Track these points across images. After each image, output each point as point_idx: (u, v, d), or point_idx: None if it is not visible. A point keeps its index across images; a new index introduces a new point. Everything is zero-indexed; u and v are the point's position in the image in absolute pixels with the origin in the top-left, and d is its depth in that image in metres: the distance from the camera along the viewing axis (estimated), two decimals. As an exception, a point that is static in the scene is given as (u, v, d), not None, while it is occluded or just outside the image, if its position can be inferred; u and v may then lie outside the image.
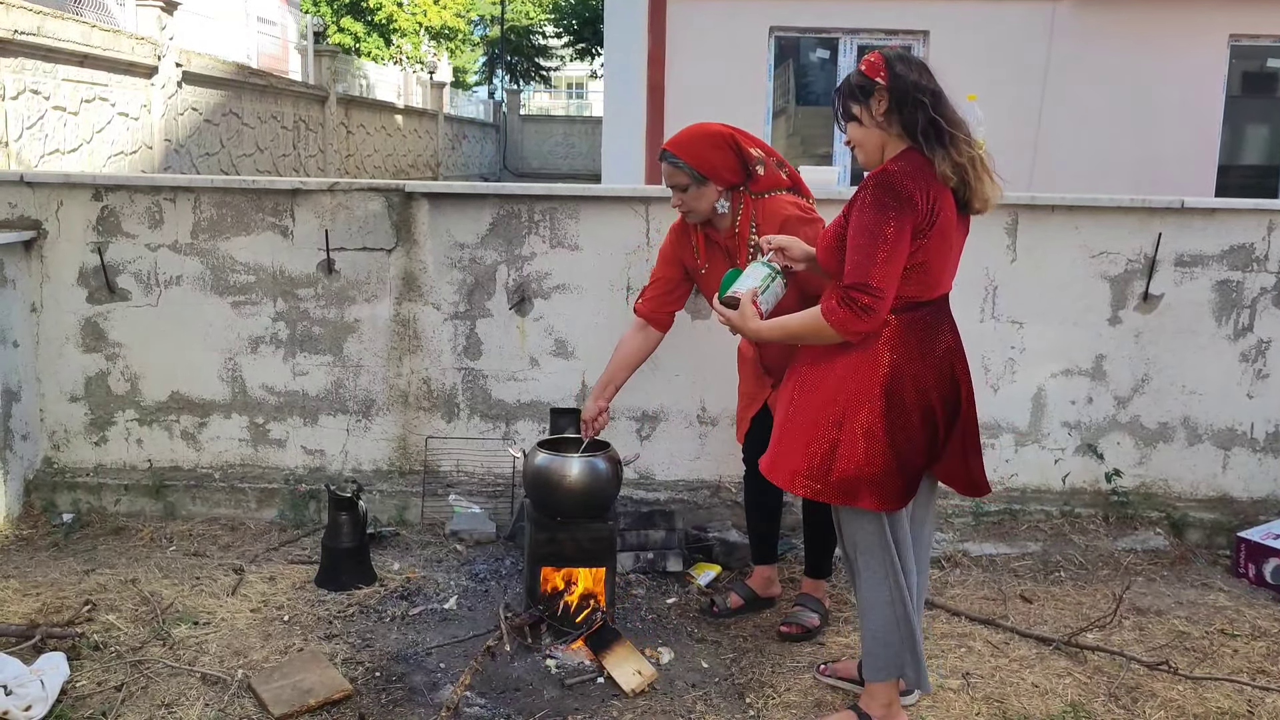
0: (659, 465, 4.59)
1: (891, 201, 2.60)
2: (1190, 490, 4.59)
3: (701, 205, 3.35)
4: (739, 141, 3.34)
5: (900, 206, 2.59)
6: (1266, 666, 3.41)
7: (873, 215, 2.61)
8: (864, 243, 2.61)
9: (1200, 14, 9.06)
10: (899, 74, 2.69)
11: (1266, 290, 4.46)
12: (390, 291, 4.53)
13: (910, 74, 2.70)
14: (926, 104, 2.66)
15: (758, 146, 3.37)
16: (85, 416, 4.61)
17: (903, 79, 2.69)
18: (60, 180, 4.54)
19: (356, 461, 4.64)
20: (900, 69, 2.70)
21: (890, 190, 2.61)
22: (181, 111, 12.68)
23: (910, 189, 2.61)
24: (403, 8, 28.12)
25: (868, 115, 2.72)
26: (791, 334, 2.83)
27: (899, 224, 2.59)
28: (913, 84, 2.68)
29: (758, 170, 3.33)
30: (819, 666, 3.27)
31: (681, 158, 3.31)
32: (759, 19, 9.13)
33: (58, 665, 3.10)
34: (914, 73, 2.71)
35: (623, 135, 9.15)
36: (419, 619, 3.63)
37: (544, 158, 32.99)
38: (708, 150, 3.31)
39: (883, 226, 2.59)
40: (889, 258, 2.59)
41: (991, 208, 2.78)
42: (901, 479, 2.75)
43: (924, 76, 2.72)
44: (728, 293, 2.96)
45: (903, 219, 2.59)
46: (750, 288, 2.92)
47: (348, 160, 19.08)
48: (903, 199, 2.60)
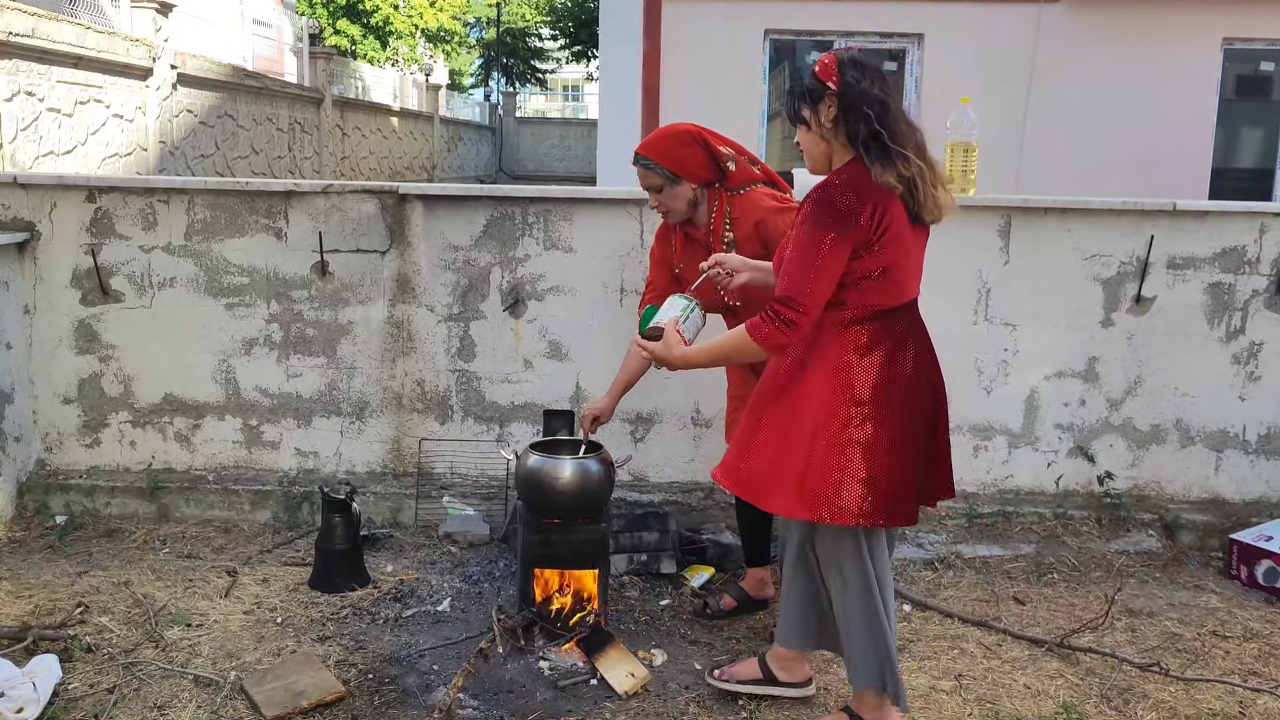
0: (653, 467, 4.59)
1: (829, 218, 2.57)
2: (1183, 492, 4.60)
3: (678, 204, 3.40)
4: (707, 139, 3.38)
5: (838, 223, 2.57)
6: (1258, 668, 3.42)
7: (809, 230, 2.60)
8: (797, 258, 2.61)
9: (1194, 17, 9.09)
10: (850, 80, 2.63)
11: (1258, 293, 4.47)
12: (384, 293, 4.54)
13: (861, 81, 2.63)
14: (871, 115, 2.60)
15: (727, 145, 3.42)
16: (79, 418, 4.61)
17: (853, 86, 2.62)
18: (54, 182, 4.54)
19: (350, 463, 4.64)
20: (852, 75, 2.63)
21: (829, 206, 2.59)
22: (176, 113, 12.67)
23: (850, 204, 2.58)
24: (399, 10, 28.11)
25: (816, 121, 2.68)
26: (720, 354, 2.83)
27: (835, 241, 2.57)
28: (861, 92, 2.61)
29: (729, 167, 3.38)
30: (712, 671, 3.18)
31: (652, 158, 3.36)
32: (754, 22, 9.16)
33: (50, 667, 3.10)
34: (865, 80, 2.63)
35: (618, 138, 9.15)
36: (412, 621, 3.63)
37: (540, 160, 33.01)
38: (677, 149, 3.36)
39: (818, 243, 2.57)
40: (820, 275, 2.58)
41: (945, 216, 2.74)
42: (887, 492, 2.69)
43: (875, 85, 2.64)
44: (649, 326, 2.96)
45: (840, 236, 2.57)
46: (671, 317, 2.95)
47: (343, 162, 19.08)
48: (841, 215, 2.57)
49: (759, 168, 3.46)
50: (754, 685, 3.12)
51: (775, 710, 3.10)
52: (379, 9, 27.47)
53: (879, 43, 9.38)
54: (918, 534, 4.36)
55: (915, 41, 9.26)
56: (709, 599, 3.79)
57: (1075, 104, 9.11)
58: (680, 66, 9.00)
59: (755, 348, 2.68)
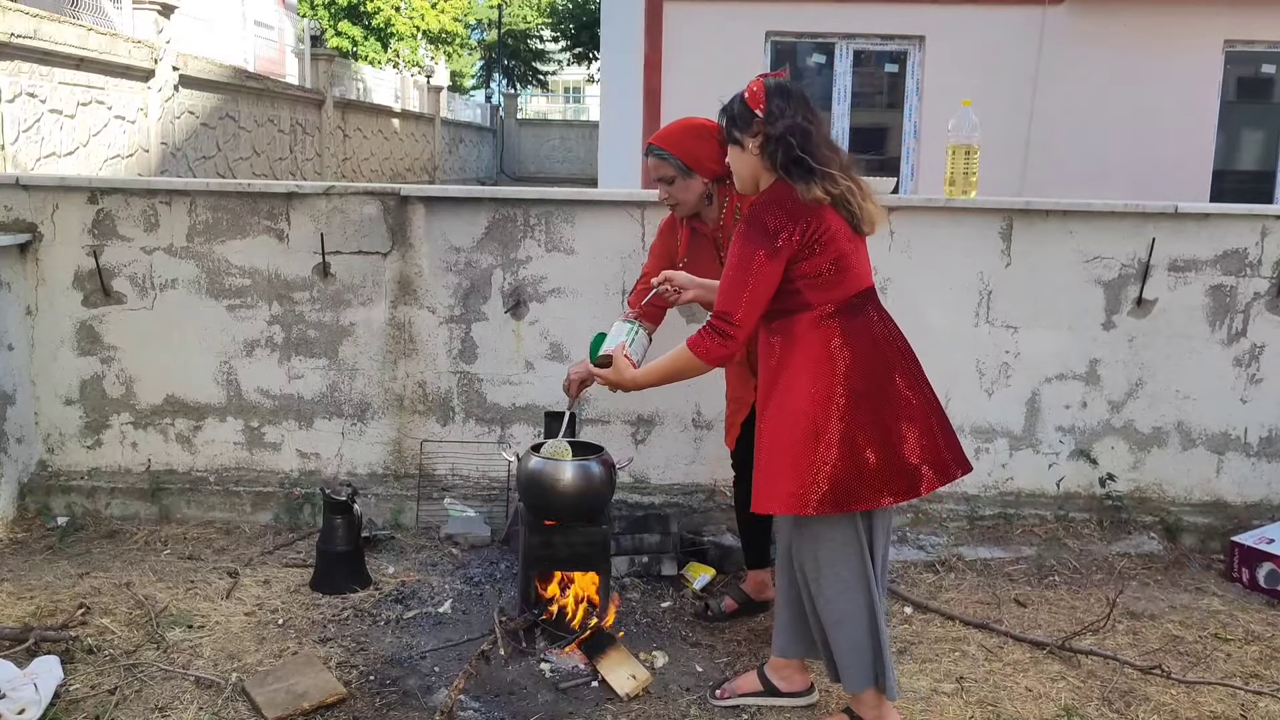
0: (654, 469, 4.59)
1: (759, 236, 2.70)
2: (1184, 494, 4.60)
3: (688, 197, 3.40)
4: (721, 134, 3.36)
5: (768, 241, 2.69)
6: (1260, 670, 3.42)
7: (742, 248, 2.73)
8: (731, 275, 2.75)
9: (1195, 19, 9.09)
10: (775, 109, 2.76)
11: (1260, 295, 4.47)
12: (385, 295, 4.54)
13: (787, 109, 2.75)
14: (794, 143, 2.72)
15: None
16: (80, 420, 4.61)
17: (779, 114, 2.75)
18: (56, 183, 4.54)
19: (351, 465, 4.64)
20: (777, 104, 2.76)
21: (759, 225, 2.72)
22: (178, 115, 12.68)
23: (779, 222, 2.70)
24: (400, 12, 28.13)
25: (743, 146, 2.81)
26: (666, 373, 2.94)
27: (765, 258, 2.70)
28: (786, 122, 2.74)
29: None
30: (713, 691, 3.18)
31: (667, 149, 3.36)
32: (755, 24, 9.16)
33: (51, 668, 3.10)
34: (790, 107, 2.76)
35: (619, 139, 9.17)
36: (413, 622, 3.63)
37: (541, 162, 33.02)
38: (692, 141, 3.36)
39: (749, 261, 2.71)
40: (752, 291, 2.71)
41: (876, 229, 2.87)
42: (892, 468, 2.74)
43: (800, 112, 2.76)
44: (599, 354, 3.10)
45: (770, 253, 2.69)
46: (619, 343, 3.09)
47: (344, 164, 19.09)
48: (770, 233, 2.69)
49: None
50: (755, 698, 3.13)
51: (777, 714, 3.10)
52: (380, 11, 27.50)
53: (881, 44, 9.39)
54: (919, 536, 4.36)
55: (917, 43, 9.27)
56: (710, 601, 3.78)
57: (1076, 106, 9.11)
58: (681, 68, 9.01)
59: (698, 362, 2.82)
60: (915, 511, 4.44)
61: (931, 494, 4.48)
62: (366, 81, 23.27)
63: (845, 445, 2.72)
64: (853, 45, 9.28)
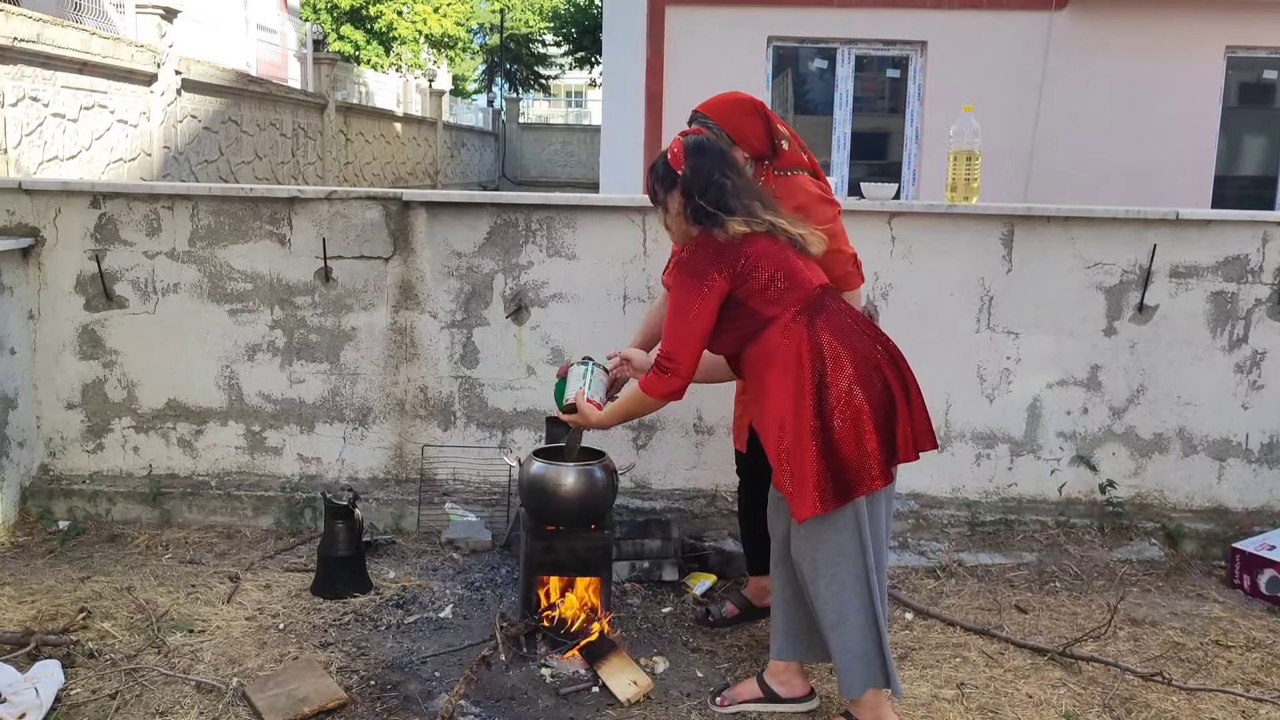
0: (655, 474, 4.59)
1: (692, 281, 2.89)
2: (1185, 501, 4.60)
3: None
4: (768, 114, 3.40)
5: (699, 283, 2.88)
6: (1261, 677, 3.41)
7: (679, 294, 2.93)
8: (672, 321, 2.94)
9: (1197, 25, 9.10)
10: (691, 169, 2.94)
11: (1261, 301, 4.47)
12: (387, 300, 4.54)
13: (702, 167, 2.94)
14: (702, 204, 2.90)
15: (784, 126, 3.43)
16: (82, 424, 4.61)
17: (693, 175, 2.93)
18: (58, 187, 4.55)
19: (353, 469, 4.64)
20: (694, 162, 2.95)
21: (689, 270, 2.91)
22: (180, 119, 12.70)
23: (704, 264, 2.88)
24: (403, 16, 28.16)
25: (670, 207, 3.00)
26: (625, 412, 3.18)
27: (701, 300, 2.87)
28: (699, 181, 2.92)
29: (782, 145, 3.38)
30: (714, 698, 3.18)
31: (712, 119, 3.36)
32: (757, 28, 9.17)
33: (52, 672, 3.10)
34: (705, 163, 2.94)
35: (621, 144, 9.18)
36: (414, 627, 3.63)
37: (543, 166, 33.04)
38: (737, 115, 3.37)
39: (687, 304, 2.89)
40: (691, 332, 2.90)
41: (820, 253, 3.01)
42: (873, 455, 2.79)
43: (716, 169, 2.94)
44: (564, 403, 3.29)
45: (704, 295, 2.87)
46: (577, 389, 3.25)
47: (346, 168, 19.11)
48: (699, 274, 2.88)
49: (807, 156, 3.46)
50: (756, 705, 3.14)
51: (777, 719, 3.10)
52: (383, 15, 27.53)
53: (883, 50, 9.39)
54: (920, 541, 4.36)
55: (919, 49, 9.27)
56: (711, 607, 3.78)
57: (1078, 112, 9.11)
58: (683, 73, 9.02)
59: (650, 400, 3.03)
60: (916, 517, 4.44)
61: (932, 500, 4.52)
62: (368, 86, 23.29)
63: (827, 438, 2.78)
64: (854, 50, 9.28)
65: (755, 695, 3.14)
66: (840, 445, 2.78)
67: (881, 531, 2.94)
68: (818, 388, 2.79)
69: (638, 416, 3.24)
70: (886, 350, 2.92)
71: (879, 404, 2.82)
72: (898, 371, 2.90)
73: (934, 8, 9.09)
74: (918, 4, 9.06)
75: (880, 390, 2.83)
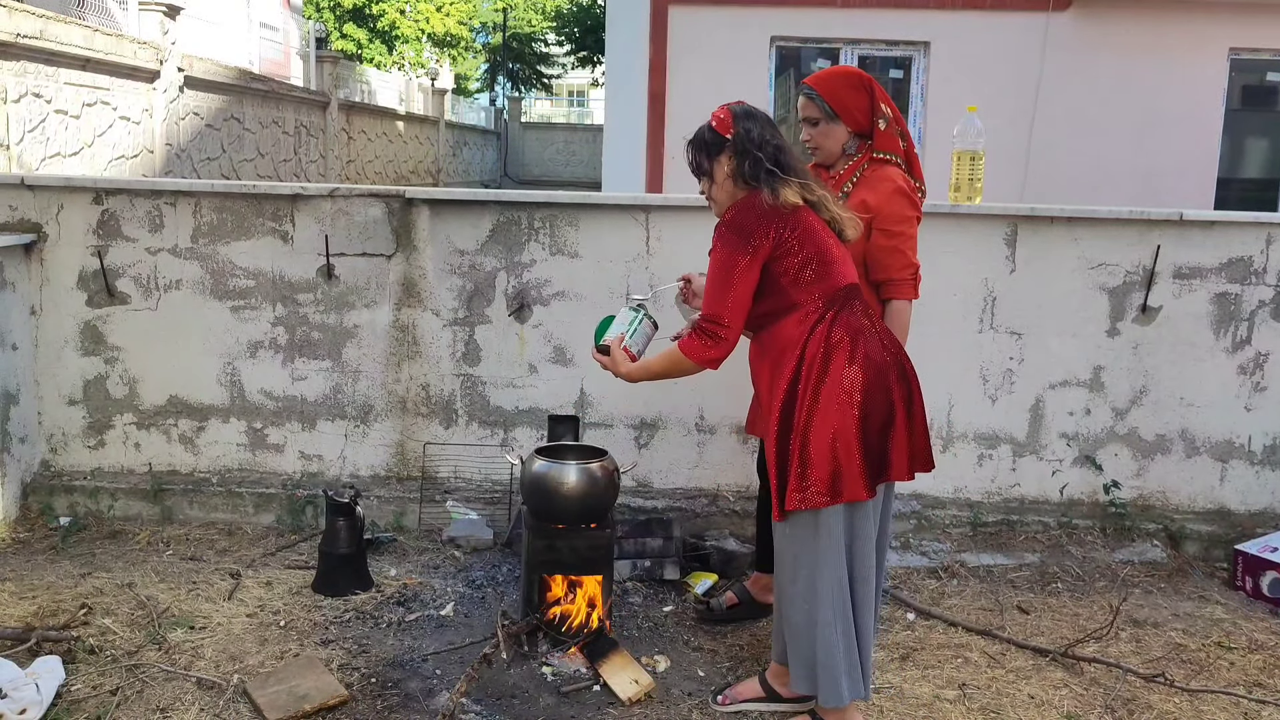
0: (657, 473, 4.59)
1: (737, 240, 2.82)
2: (1188, 502, 4.59)
3: (829, 144, 3.37)
4: (875, 90, 3.36)
5: (745, 244, 2.80)
6: (1263, 679, 3.41)
7: (721, 254, 2.85)
8: (714, 281, 2.86)
9: (1200, 27, 9.09)
10: (743, 130, 2.89)
11: (1265, 303, 4.47)
12: (390, 297, 4.54)
13: (754, 129, 2.88)
14: (763, 158, 2.85)
15: (890, 106, 3.39)
16: (83, 420, 4.61)
17: (746, 135, 2.87)
18: (61, 183, 4.55)
19: (354, 467, 4.64)
20: (745, 125, 2.89)
21: (735, 228, 2.83)
22: (183, 116, 12.70)
23: (752, 224, 2.81)
24: (405, 15, 28.17)
25: (718, 173, 2.93)
26: (657, 371, 3.07)
27: (748, 262, 2.80)
28: (755, 139, 2.87)
29: (879, 125, 3.34)
30: (715, 697, 3.18)
31: (818, 90, 3.34)
32: (760, 28, 9.16)
33: (53, 669, 3.10)
34: (757, 127, 2.89)
35: (624, 143, 9.18)
36: (415, 625, 3.62)
37: (545, 165, 33.05)
38: (844, 88, 3.34)
39: (731, 266, 2.82)
40: (736, 293, 2.82)
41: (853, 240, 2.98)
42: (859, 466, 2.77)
43: (768, 131, 2.90)
44: (600, 342, 3.21)
45: (751, 256, 2.80)
46: (619, 333, 3.18)
47: (348, 166, 19.12)
48: (746, 234, 2.81)
49: (905, 143, 3.40)
50: (757, 704, 3.14)
51: (779, 719, 3.10)
52: (385, 13, 27.54)
53: (885, 50, 9.39)
54: (922, 542, 4.35)
55: (921, 49, 9.27)
56: (711, 601, 3.78)
57: (1082, 113, 9.11)
58: (686, 73, 9.02)
59: (688, 363, 2.93)
60: (918, 518, 4.44)
61: (934, 500, 4.51)
62: (371, 84, 23.30)
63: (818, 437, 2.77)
64: (857, 50, 9.28)
65: (757, 694, 3.14)
66: (828, 447, 2.76)
67: (868, 544, 2.89)
68: (818, 386, 2.78)
69: (670, 378, 3.10)
70: (898, 361, 2.90)
71: (876, 415, 2.80)
72: (906, 387, 2.87)
73: (937, 8, 9.08)
74: (921, 4, 9.06)
75: (882, 401, 2.81)
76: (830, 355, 2.79)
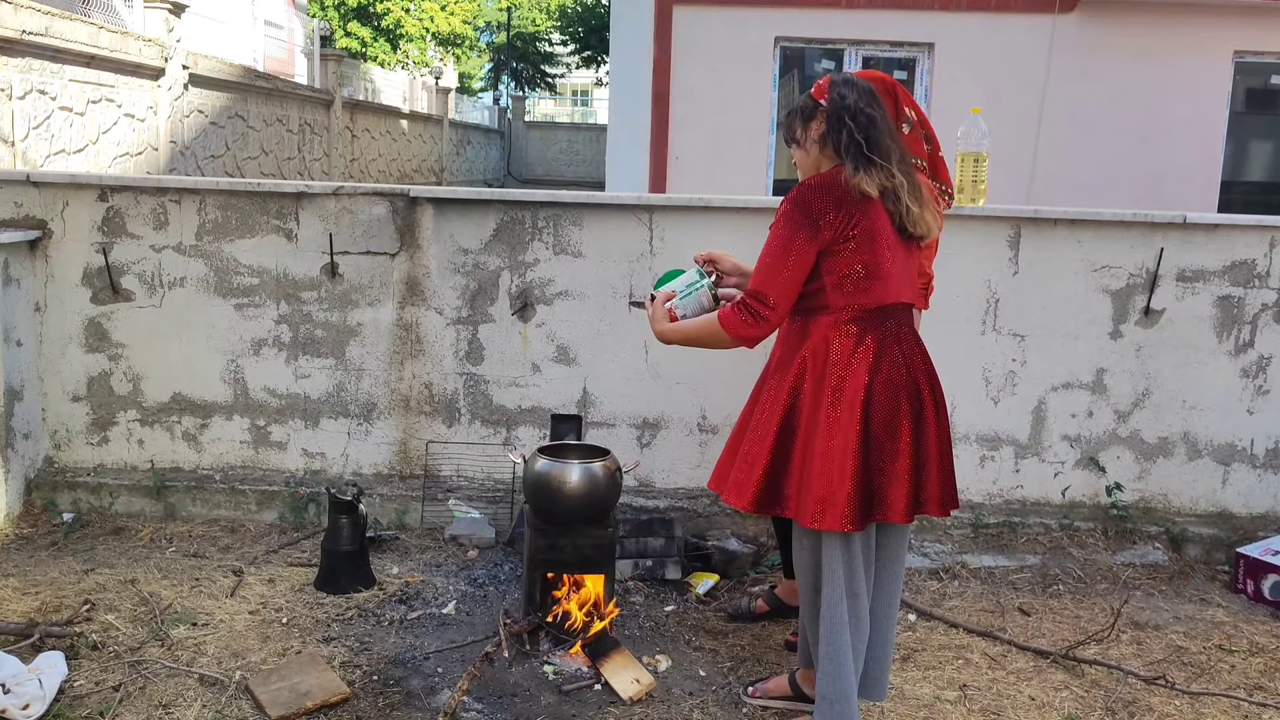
0: (659, 473, 4.59)
1: (801, 218, 2.70)
2: (1190, 505, 4.59)
3: None
4: (899, 93, 3.32)
5: (809, 224, 2.69)
6: (1264, 683, 3.41)
7: (783, 229, 2.73)
8: (770, 256, 2.74)
9: (1205, 30, 9.09)
10: (838, 95, 2.77)
11: (1268, 306, 4.47)
12: (393, 296, 4.55)
13: (849, 96, 2.76)
14: (854, 126, 2.72)
15: (915, 109, 3.35)
16: (87, 416, 4.62)
17: (840, 100, 2.76)
18: (66, 180, 4.56)
19: (357, 465, 4.65)
20: (841, 91, 2.78)
21: (802, 207, 2.70)
22: (187, 114, 12.72)
23: (821, 206, 2.68)
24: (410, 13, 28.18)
25: (807, 137, 2.83)
26: (690, 337, 2.96)
27: (805, 242, 2.69)
28: (849, 106, 2.74)
29: (903, 129, 3.31)
30: (746, 688, 3.21)
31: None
32: (764, 29, 9.16)
33: (56, 664, 3.11)
34: (853, 95, 2.77)
35: (627, 143, 9.18)
36: (417, 623, 3.63)
37: (548, 164, 33.06)
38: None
39: (789, 243, 2.71)
40: (789, 273, 2.71)
41: (931, 237, 2.85)
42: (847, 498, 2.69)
43: (864, 100, 2.76)
44: (657, 288, 3.11)
45: (810, 237, 2.69)
46: (671, 289, 3.07)
47: (352, 164, 19.13)
48: (811, 216, 2.69)
49: (930, 145, 3.36)
50: (784, 702, 3.15)
51: (779, 718, 3.10)
52: (390, 12, 27.55)
53: (890, 52, 9.38)
54: (923, 543, 4.36)
55: (926, 51, 9.26)
56: (741, 601, 3.79)
57: (1086, 115, 9.10)
58: (690, 73, 9.01)
59: (725, 337, 2.81)
60: (920, 519, 4.43)
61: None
62: (375, 82, 23.33)
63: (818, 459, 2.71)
64: (861, 52, 9.27)
65: (785, 693, 3.16)
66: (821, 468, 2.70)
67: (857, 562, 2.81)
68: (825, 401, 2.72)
69: (702, 346, 2.99)
70: (919, 393, 2.79)
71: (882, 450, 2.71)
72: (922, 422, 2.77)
73: (941, 9, 9.08)
74: (925, 6, 9.06)
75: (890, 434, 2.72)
76: (846, 373, 2.71)
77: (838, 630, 2.79)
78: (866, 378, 2.72)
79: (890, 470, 2.74)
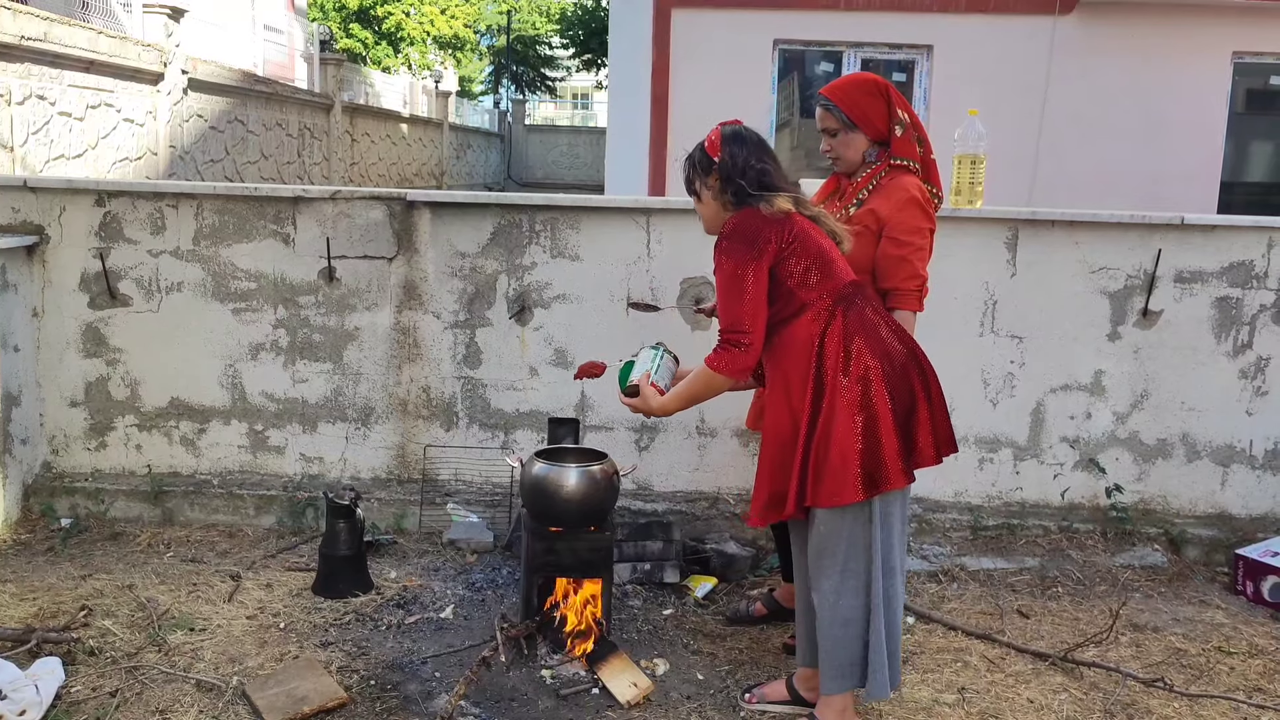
0: (657, 476, 4.59)
1: (742, 247, 2.82)
2: (1189, 507, 4.59)
3: (849, 153, 3.34)
4: (891, 95, 3.32)
5: (749, 251, 2.81)
6: (1263, 684, 3.40)
7: (728, 264, 2.84)
8: (726, 294, 2.86)
9: (1204, 31, 9.08)
10: (729, 155, 2.90)
11: (1266, 307, 4.46)
12: (391, 300, 4.54)
13: (740, 155, 2.90)
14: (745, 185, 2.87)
15: (907, 111, 3.35)
16: (85, 421, 4.62)
17: (731, 161, 2.89)
18: (63, 185, 4.56)
19: (355, 469, 4.65)
20: (732, 150, 2.91)
21: (737, 237, 2.84)
22: (187, 118, 12.73)
23: (754, 230, 2.83)
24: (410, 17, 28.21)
25: (706, 190, 2.96)
26: (691, 395, 3.03)
27: (755, 265, 2.81)
28: (738, 166, 2.89)
29: (895, 130, 3.30)
30: (743, 694, 3.21)
31: (834, 100, 3.31)
32: (763, 31, 9.16)
33: (53, 670, 3.10)
34: (744, 152, 2.91)
35: (627, 146, 9.17)
36: (415, 627, 3.63)
37: (548, 168, 33.07)
38: (861, 96, 3.30)
39: (740, 271, 2.82)
40: (751, 300, 2.82)
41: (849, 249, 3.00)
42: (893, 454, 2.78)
43: (754, 156, 2.91)
44: (626, 385, 3.19)
45: (757, 263, 2.81)
46: (644, 372, 3.16)
47: (352, 168, 19.14)
48: (749, 240, 2.82)
49: (923, 148, 3.36)
50: (782, 706, 3.15)
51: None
52: (391, 15, 27.59)
53: (888, 53, 9.38)
54: (922, 546, 4.35)
55: (925, 53, 9.26)
56: (741, 603, 3.78)
57: (1084, 116, 9.09)
58: (690, 75, 9.01)
59: (720, 379, 2.92)
60: (919, 521, 4.43)
61: (935, 503, 4.51)
62: (375, 86, 23.34)
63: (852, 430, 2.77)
64: (860, 54, 9.27)
65: (783, 697, 3.16)
66: (861, 440, 2.77)
67: (894, 536, 2.91)
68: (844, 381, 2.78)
69: (704, 399, 3.06)
70: (912, 350, 2.92)
71: (901, 403, 2.82)
72: (921, 372, 2.89)
73: (940, 11, 9.07)
74: (924, 8, 9.05)
75: (904, 390, 2.83)
76: (850, 350, 2.80)
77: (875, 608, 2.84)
78: (868, 347, 2.81)
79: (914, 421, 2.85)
